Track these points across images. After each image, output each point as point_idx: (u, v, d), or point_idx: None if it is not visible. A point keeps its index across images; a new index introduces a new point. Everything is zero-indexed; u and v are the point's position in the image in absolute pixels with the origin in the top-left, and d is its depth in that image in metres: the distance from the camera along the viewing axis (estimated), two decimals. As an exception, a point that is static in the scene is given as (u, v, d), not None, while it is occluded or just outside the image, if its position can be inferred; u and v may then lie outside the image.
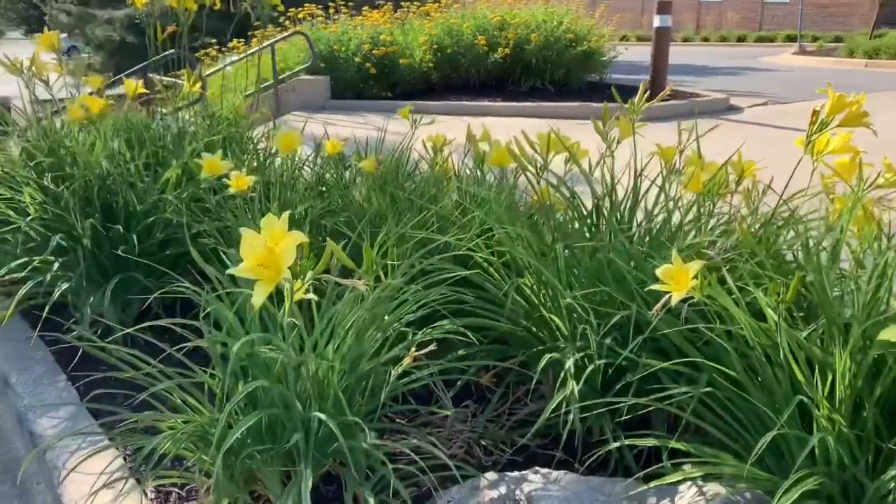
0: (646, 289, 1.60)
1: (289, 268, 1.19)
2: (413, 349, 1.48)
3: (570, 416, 1.66)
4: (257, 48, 8.07)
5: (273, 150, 2.90)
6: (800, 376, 1.45)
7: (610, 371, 1.82)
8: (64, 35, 21.48)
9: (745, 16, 27.78)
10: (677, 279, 1.45)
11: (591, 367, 1.72)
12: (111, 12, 16.74)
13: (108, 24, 16.84)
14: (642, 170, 2.10)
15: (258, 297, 1.17)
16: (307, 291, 1.42)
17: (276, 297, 1.52)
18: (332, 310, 1.72)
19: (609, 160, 2.14)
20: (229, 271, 1.23)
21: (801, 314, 1.66)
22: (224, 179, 2.29)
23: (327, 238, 2.42)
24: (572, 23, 9.56)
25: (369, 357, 1.68)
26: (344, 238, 2.23)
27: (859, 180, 1.82)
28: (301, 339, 1.63)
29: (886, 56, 14.94)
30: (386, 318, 1.77)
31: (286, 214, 1.22)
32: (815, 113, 1.72)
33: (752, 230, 1.92)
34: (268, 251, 1.16)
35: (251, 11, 2.96)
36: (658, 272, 1.47)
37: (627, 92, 2.34)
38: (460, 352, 2.01)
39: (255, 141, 3.14)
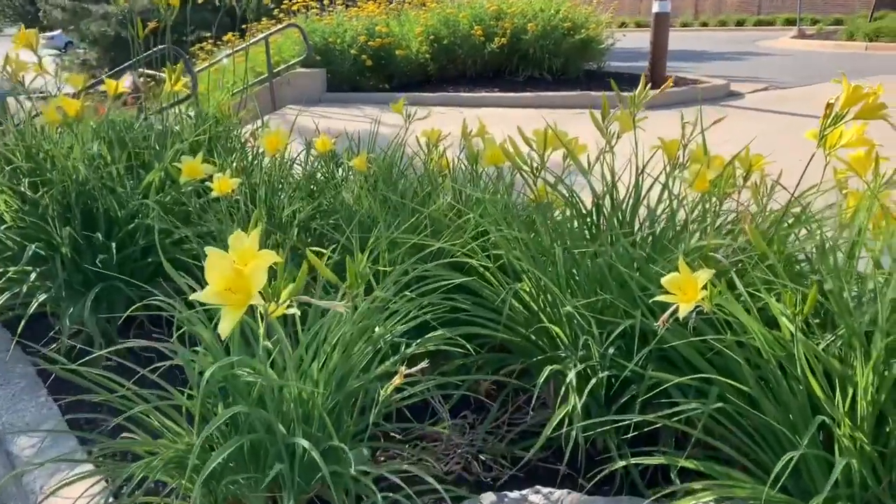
0: (651, 300, 1.50)
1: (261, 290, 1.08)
2: (403, 367, 1.38)
3: (573, 434, 1.56)
4: (251, 41, 7.96)
5: (261, 150, 2.80)
6: (818, 391, 1.35)
7: (615, 382, 1.73)
8: (59, 31, 21.32)
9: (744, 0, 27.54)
10: (685, 289, 1.35)
11: (594, 380, 1.62)
12: (105, 7, 16.55)
13: (103, 20, 16.66)
14: (644, 166, 2.00)
15: (226, 326, 1.07)
16: (289, 306, 1.32)
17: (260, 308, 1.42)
18: (318, 323, 1.62)
19: (609, 156, 2.03)
20: (192, 297, 1.12)
21: (818, 321, 1.57)
22: (209, 182, 2.19)
23: (316, 242, 2.34)
24: (570, 11, 9.41)
25: (358, 373, 1.59)
26: (334, 242, 2.13)
27: (875, 175, 1.72)
28: (284, 357, 1.53)
29: (887, 39, 14.71)
30: (377, 329, 1.68)
31: (256, 232, 1.11)
32: (829, 105, 1.61)
33: (762, 230, 1.81)
34: (236, 273, 1.05)
35: (236, 5, 2.85)
36: (664, 282, 1.37)
37: (627, 80, 2.24)
38: (457, 362, 1.91)
39: (242, 140, 3.03)
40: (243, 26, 8.99)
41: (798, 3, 20.06)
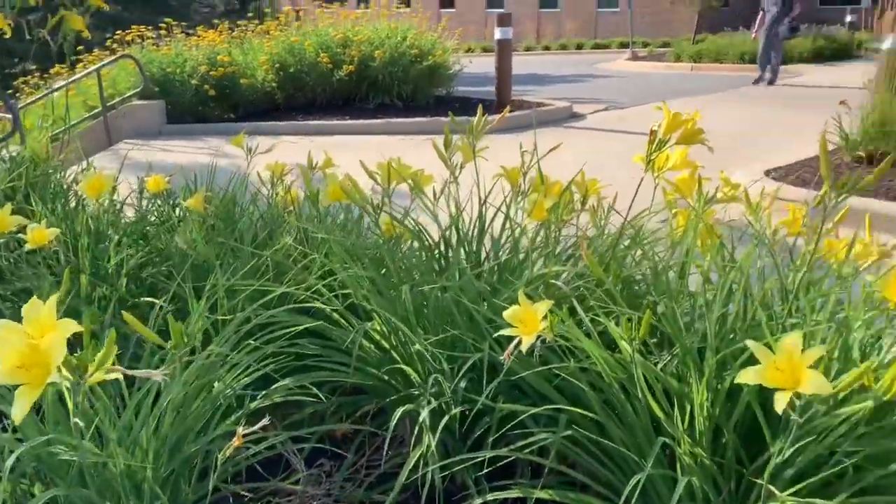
0: (496, 334, 1.49)
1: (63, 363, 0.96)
2: (241, 427, 1.28)
3: (429, 475, 1.52)
4: (81, 74, 7.49)
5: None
6: (658, 411, 1.39)
7: (469, 415, 1.70)
8: None
9: (582, 24, 29.08)
10: (525, 321, 1.35)
11: (447, 417, 1.59)
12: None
13: None
14: (487, 195, 2.01)
15: (20, 409, 0.94)
16: (112, 366, 1.19)
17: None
18: (149, 383, 1.49)
19: (454, 186, 2.03)
20: (-22, 379, 0.99)
21: (655, 340, 1.62)
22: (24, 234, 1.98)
23: (147, 293, 2.18)
24: (416, 38, 9.54)
25: (196, 435, 1.47)
26: (168, 291, 1.99)
27: (699, 195, 1.82)
28: (111, 424, 1.39)
29: (707, 59, 16.15)
30: (215, 385, 1.57)
31: (53, 299, 0.99)
32: (653, 132, 1.68)
33: (599, 253, 1.86)
34: (30, 348, 0.93)
35: (50, 39, 2.63)
36: (506, 315, 1.37)
37: (474, 105, 2.26)
38: (309, 409, 1.83)
39: (65, 183, 2.79)
40: (73, 58, 8.44)
41: (630, 28, 21.41)
